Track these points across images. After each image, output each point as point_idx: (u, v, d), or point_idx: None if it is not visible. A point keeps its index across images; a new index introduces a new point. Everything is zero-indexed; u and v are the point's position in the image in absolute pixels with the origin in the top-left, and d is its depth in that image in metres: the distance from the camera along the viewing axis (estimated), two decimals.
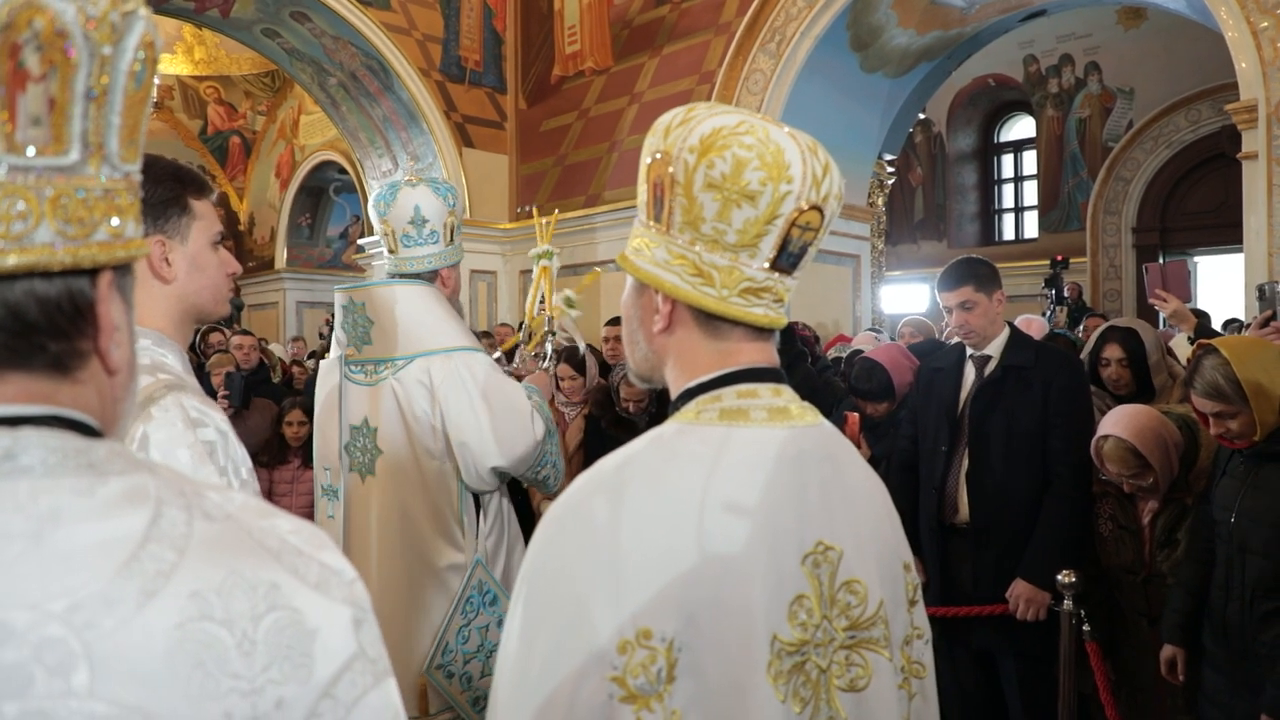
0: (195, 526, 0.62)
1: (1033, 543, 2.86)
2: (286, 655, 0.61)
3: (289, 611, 0.63)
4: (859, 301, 8.77)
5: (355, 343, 2.44)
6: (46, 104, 0.58)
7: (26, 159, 0.58)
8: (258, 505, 0.70)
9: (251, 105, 14.60)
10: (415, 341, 2.36)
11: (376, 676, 0.66)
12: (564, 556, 0.88)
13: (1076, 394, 2.98)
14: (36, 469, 0.59)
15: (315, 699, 0.62)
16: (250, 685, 0.59)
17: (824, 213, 0.96)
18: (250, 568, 0.63)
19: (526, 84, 9.71)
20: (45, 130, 0.58)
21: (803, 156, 0.93)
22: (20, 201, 0.58)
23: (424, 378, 2.32)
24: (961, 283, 2.99)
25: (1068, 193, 12.80)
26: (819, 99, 7.45)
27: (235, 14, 8.51)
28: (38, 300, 0.60)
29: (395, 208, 2.43)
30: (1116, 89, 12.15)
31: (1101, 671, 2.72)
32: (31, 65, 0.57)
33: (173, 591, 0.59)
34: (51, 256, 0.59)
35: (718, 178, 0.92)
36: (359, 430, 2.41)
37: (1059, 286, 10.44)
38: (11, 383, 0.61)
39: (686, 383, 1.00)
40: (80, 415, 0.63)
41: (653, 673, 0.83)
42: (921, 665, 1.06)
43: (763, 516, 0.90)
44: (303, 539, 0.68)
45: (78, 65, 0.59)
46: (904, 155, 12.83)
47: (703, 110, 0.96)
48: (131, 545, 0.59)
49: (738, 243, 0.94)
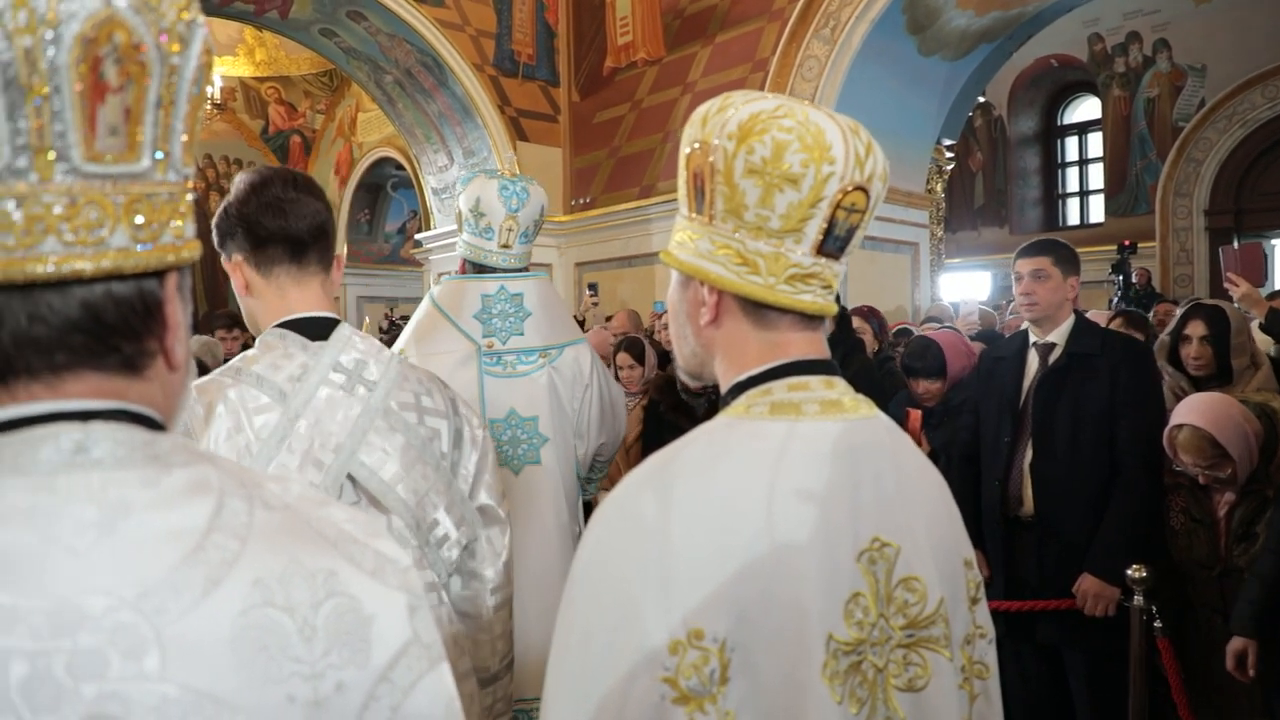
0: (256, 516, 0.65)
1: (1100, 535, 2.78)
2: (345, 641, 0.63)
3: (347, 598, 0.65)
4: (918, 290, 8.62)
5: (500, 334, 2.44)
6: (123, 114, 0.61)
7: (103, 167, 0.61)
8: (314, 495, 0.72)
9: (311, 104, 14.89)
10: (564, 331, 2.50)
11: (431, 661, 0.68)
12: (613, 555, 0.87)
13: (1146, 382, 2.88)
14: (107, 461, 0.61)
15: (373, 683, 0.64)
16: (311, 669, 0.61)
17: (869, 193, 0.93)
18: (309, 556, 0.65)
19: (579, 76, 9.73)
20: (121, 139, 0.61)
21: (844, 136, 0.91)
22: (97, 208, 0.60)
23: (573, 365, 2.47)
24: (1041, 252, 2.94)
25: (1135, 175, 12.42)
26: (875, 84, 7.32)
27: (293, 15, 8.67)
28: (114, 302, 0.63)
29: (528, 206, 2.50)
30: (1187, 66, 11.74)
31: (1174, 670, 2.63)
32: (111, 77, 0.59)
33: (236, 579, 0.61)
34: (126, 259, 0.62)
35: (758, 162, 0.90)
36: (503, 423, 2.41)
37: (1126, 272, 10.15)
38: (86, 380, 0.63)
39: (736, 376, 0.98)
40: (146, 410, 0.66)
41: (705, 674, 0.82)
42: (984, 666, 1.03)
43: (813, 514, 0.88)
44: (358, 527, 0.71)
45: (151, 75, 0.62)
46: (963, 140, 12.59)
47: (739, 97, 0.94)
48: (197, 534, 0.61)
49: (782, 228, 0.92)
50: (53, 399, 0.62)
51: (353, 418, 1.42)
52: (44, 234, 0.59)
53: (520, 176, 2.56)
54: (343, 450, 1.40)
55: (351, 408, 1.42)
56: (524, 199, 2.48)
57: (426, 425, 1.51)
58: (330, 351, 1.44)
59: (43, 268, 0.59)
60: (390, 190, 14.61)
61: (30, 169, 0.58)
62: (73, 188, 0.60)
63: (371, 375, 1.46)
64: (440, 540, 1.51)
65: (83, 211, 0.60)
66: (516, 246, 2.50)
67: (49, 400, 0.62)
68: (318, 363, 1.42)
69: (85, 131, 0.59)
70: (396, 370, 1.50)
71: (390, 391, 1.47)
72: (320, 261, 1.49)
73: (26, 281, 0.59)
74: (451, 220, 9.87)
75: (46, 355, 0.61)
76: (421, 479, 1.47)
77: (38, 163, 0.58)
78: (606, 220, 9.19)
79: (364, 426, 1.43)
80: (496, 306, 2.44)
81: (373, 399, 1.45)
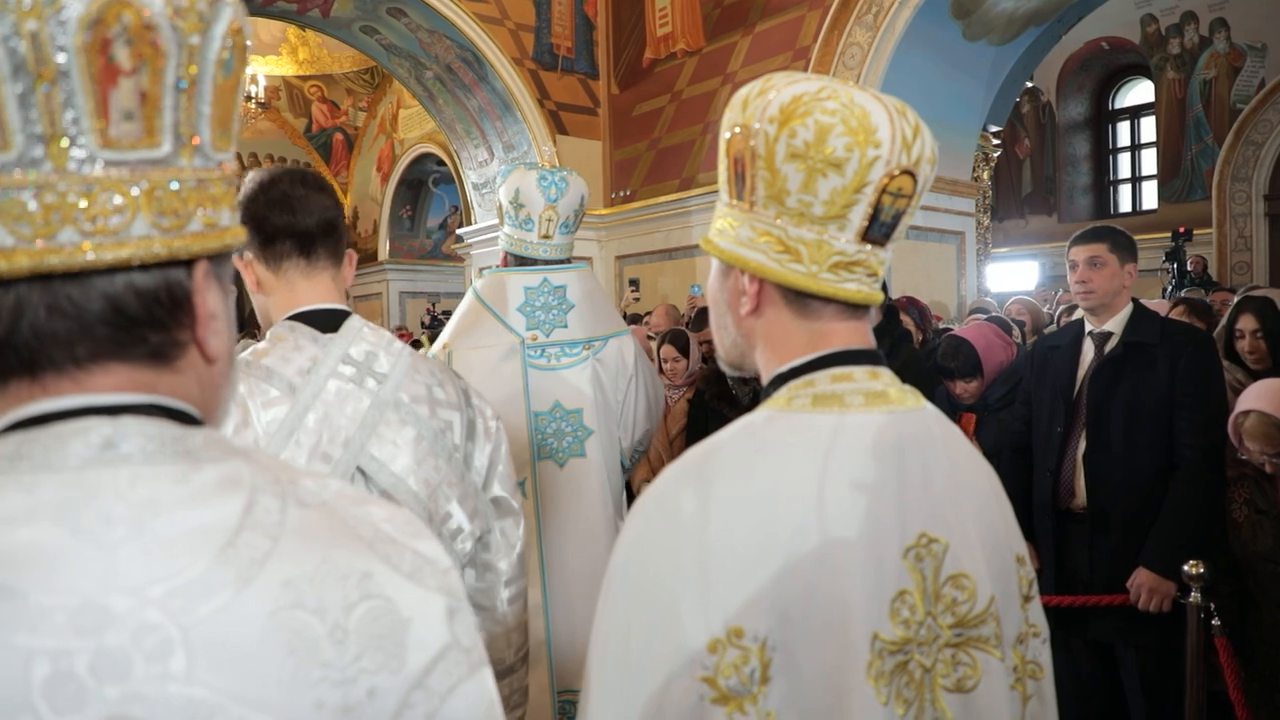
0: (289, 514, 0.63)
1: (1157, 528, 2.70)
2: (379, 645, 0.61)
3: (382, 601, 0.62)
4: (963, 280, 8.48)
5: (543, 327, 2.45)
6: (138, 98, 0.59)
7: (120, 153, 0.59)
8: (353, 493, 0.70)
9: (353, 102, 15.07)
10: (607, 323, 2.51)
11: (471, 666, 0.65)
12: (652, 552, 0.85)
13: (1207, 371, 2.79)
14: (136, 456, 0.60)
15: (408, 689, 0.61)
16: (342, 675, 0.59)
17: (916, 178, 0.89)
18: (343, 556, 0.63)
19: (618, 69, 9.71)
20: (138, 124, 0.59)
21: (890, 119, 0.87)
22: (116, 196, 0.59)
23: (617, 356, 2.48)
24: (1097, 239, 2.87)
25: (1190, 160, 12.09)
26: (919, 71, 7.20)
27: (335, 13, 8.77)
28: (136, 293, 0.61)
29: (567, 196, 2.51)
30: (1246, 46, 11.38)
31: (1232, 669, 2.55)
32: (122, 60, 0.57)
33: (266, 579, 0.59)
34: (148, 249, 0.60)
35: (800, 146, 0.87)
36: (547, 416, 2.42)
37: (1181, 260, 9.90)
38: (114, 373, 0.62)
39: (777, 367, 0.95)
40: (179, 403, 0.65)
41: (745, 673, 0.79)
42: (1038, 666, 0.99)
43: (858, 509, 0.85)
44: (396, 527, 0.68)
45: (167, 57, 0.59)
46: (1010, 126, 12.36)
47: (780, 79, 0.90)
48: (227, 533, 0.60)
49: (825, 214, 0.89)
50: (80, 393, 0.61)
51: (362, 411, 1.42)
52: (61, 224, 0.58)
53: (559, 168, 2.56)
54: (352, 444, 1.40)
55: (361, 400, 1.42)
56: (563, 189, 2.48)
57: (439, 417, 1.50)
58: (340, 343, 1.44)
59: (59, 259, 0.58)
60: (431, 186, 14.73)
61: (45, 158, 0.57)
62: (89, 176, 0.58)
63: (381, 367, 1.46)
64: (454, 533, 1.51)
65: (100, 200, 0.58)
66: (557, 237, 2.50)
67: (77, 394, 0.61)
68: (327, 355, 1.42)
69: (98, 117, 0.58)
70: (407, 362, 1.50)
71: (401, 384, 1.46)
72: (330, 256, 1.49)
73: (44, 273, 0.58)
74: (492, 215, 9.92)
75: (67, 348, 0.60)
76: (434, 471, 1.46)
77: (51, 151, 0.57)
78: (646, 213, 9.17)
79: (374, 419, 1.42)
80: (539, 299, 2.44)
81: (383, 391, 1.44)
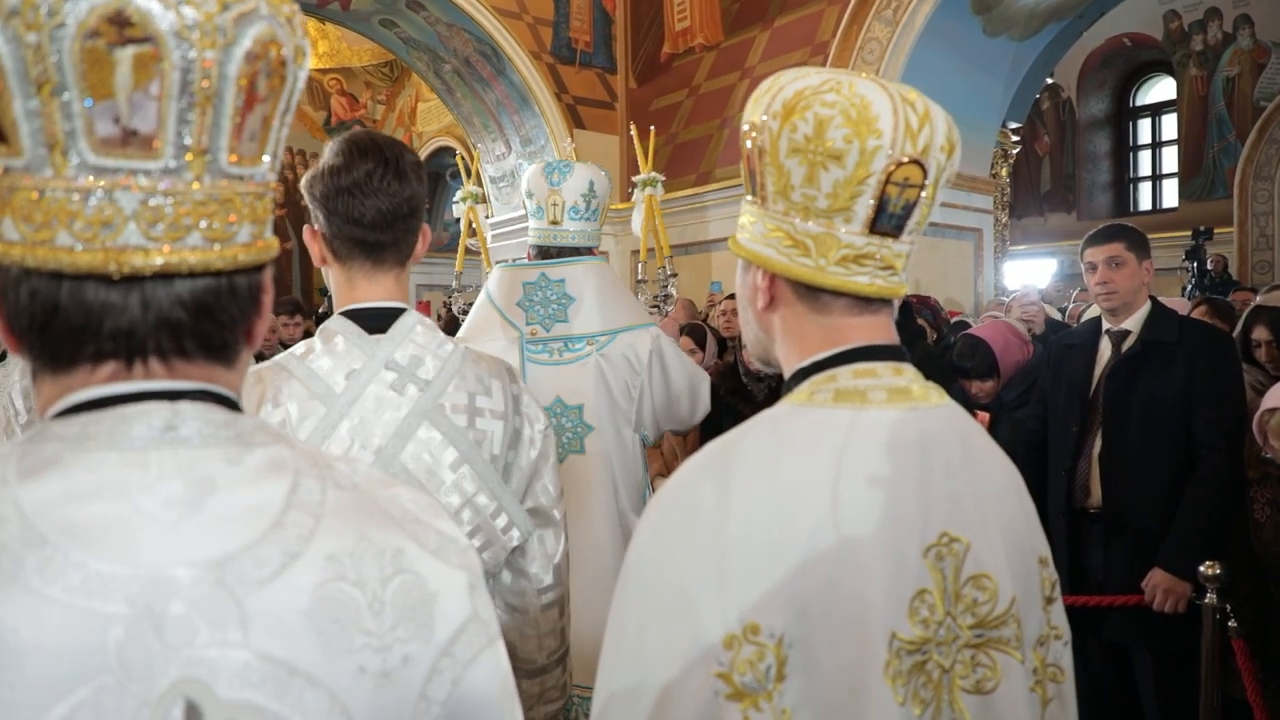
0: (328, 495, 0.68)
1: (1174, 529, 2.68)
2: (411, 616, 0.66)
3: (413, 575, 0.68)
4: (981, 278, 8.43)
5: (544, 321, 2.45)
6: (261, 122, 0.67)
7: (241, 169, 0.66)
8: (380, 476, 0.76)
9: (371, 95, 15.10)
10: (616, 317, 2.46)
11: (489, 638, 0.71)
12: (669, 546, 0.85)
13: (1227, 370, 2.76)
14: (194, 439, 0.65)
15: (436, 657, 0.67)
16: (380, 642, 0.64)
17: (925, 166, 0.88)
18: (378, 534, 0.68)
19: (636, 63, 9.69)
20: (255, 144, 0.67)
21: (894, 107, 0.86)
22: (232, 208, 0.66)
23: (629, 351, 2.42)
24: (1114, 238, 2.84)
25: (1212, 158, 11.96)
26: (938, 66, 7.16)
27: (355, 6, 8.79)
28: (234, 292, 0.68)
29: (571, 179, 2.49)
30: (1271, 43, 11.25)
31: (1250, 672, 2.53)
32: (261, 89, 0.65)
33: (312, 554, 0.64)
34: (249, 254, 0.67)
35: (801, 140, 0.87)
36: (550, 411, 2.40)
37: (1201, 259, 9.80)
38: (198, 366, 0.67)
39: (799, 362, 0.95)
40: (228, 392, 0.70)
41: (760, 670, 0.79)
42: (1059, 669, 0.98)
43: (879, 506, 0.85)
44: (421, 508, 0.73)
45: (287, 88, 0.68)
46: (1030, 123, 12.25)
47: (788, 76, 0.91)
48: (275, 511, 0.65)
49: (830, 207, 0.89)
50: (165, 379, 0.66)
51: (399, 419, 1.38)
52: (189, 229, 0.63)
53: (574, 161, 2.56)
54: (384, 452, 1.37)
55: (400, 409, 1.39)
56: (565, 173, 2.48)
57: (476, 428, 1.45)
58: (385, 347, 1.40)
59: (195, 259, 0.63)
60: (449, 179, 14.75)
61: (186, 168, 0.63)
62: (216, 186, 0.65)
63: (426, 373, 1.42)
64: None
65: (221, 209, 0.65)
66: (567, 222, 2.48)
67: (142, 380, 0.65)
68: (371, 359, 1.39)
69: (234, 137, 0.64)
70: (456, 365, 1.45)
71: (443, 390, 1.42)
72: (397, 255, 1.43)
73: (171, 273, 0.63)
74: (509, 208, 9.94)
75: (176, 341, 0.65)
76: (468, 481, 1.44)
77: (193, 164, 0.63)
78: (663, 207, 9.13)
79: (411, 427, 1.39)
80: (538, 294, 2.45)
81: (423, 399, 1.40)
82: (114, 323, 0.63)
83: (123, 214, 0.61)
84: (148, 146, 0.61)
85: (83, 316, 0.63)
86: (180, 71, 0.60)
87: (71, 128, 0.60)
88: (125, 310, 0.63)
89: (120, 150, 0.61)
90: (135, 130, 0.61)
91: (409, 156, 1.42)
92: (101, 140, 0.60)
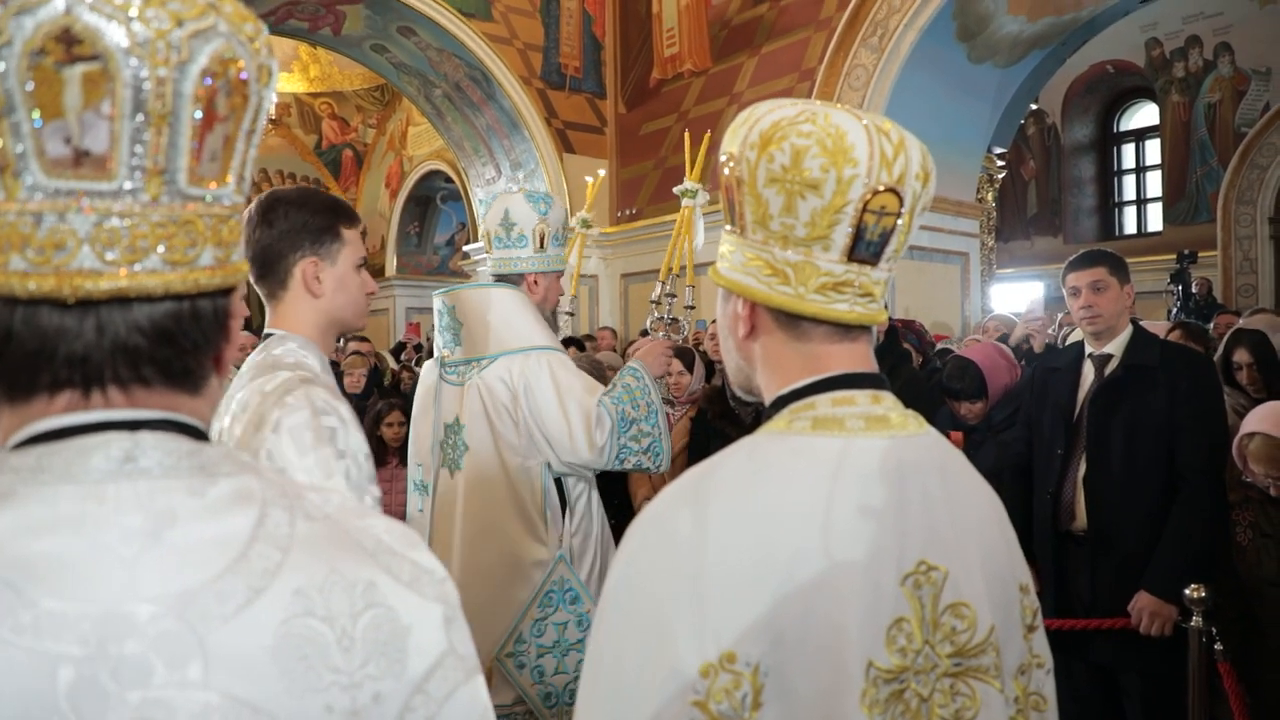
0: (297, 526, 0.66)
1: (1159, 552, 2.69)
2: (383, 651, 0.64)
3: (385, 609, 0.65)
4: (968, 301, 8.48)
5: (449, 346, 2.58)
6: (223, 142, 0.65)
7: (201, 190, 0.64)
8: (354, 506, 0.73)
9: (362, 119, 15.15)
10: (498, 342, 2.48)
11: (466, 673, 0.68)
12: (647, 573, 0.85)
13: (1208, 394, 2.78)
14: (154, 470, 0.62)
15: (409, 693, 0.65)
16: (350, 679, 0.62)
17: (901, 195, 0.89)
18: (349, 566, 0.66)
19: (625, 88, 9.76)
20: (217, 165, 0.65)
21: (869, 137, 0.87)
22: (191, 230, 0.64)
23: (505, 375, 2.42)
24: (1096, 263, 2.87)
25: (1195, 182, 12.10)
26: (924, 93, 7.23)
27: (346, 31, 8.84)
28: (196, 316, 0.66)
29: (491, 211, 2.62)
30: (1251, 70, 11.41)
31: (1236, 695, 2.53)
32: (220, 108, 0.63)
33: (278, 588, 0.62)
34: (212, 278, 0.65)
35: (778, 170, 0.88)
36: (450, 428, 2.52)
37: (1186, 282, 9.87)
38: (158, 394, 0.65)
39: (777, 390, 0.95)
40: (193, 421, 0.68)
41: (737, 698, 0.79)
42: (1041, 697, 0.98)
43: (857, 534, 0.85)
44: (395, 538, 0.71)
45: (249, 108, 0.66)
46: (1015, 148, 12.35)
47: (765, 107, 0.92)
48: (240, 544, 0.62)
49: (808, 236, 0.90)
50: (124, 408, 0.64)
51: None
52: (146, 251, 0.62)
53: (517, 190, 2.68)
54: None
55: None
56: (489, 205, 2.65)
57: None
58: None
59: (153, 282, 0.62)
60: (439, 203, 14.79)
61: (142, 189, 0.61)
62: (174, 208, 0.63)
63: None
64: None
65: (181, 231, 0.63)
66: (495, 252, 2.61)
67: (101, 409, 0.63)
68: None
69: (193, 158, 0.63)
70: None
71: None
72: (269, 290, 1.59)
73: (123, 296, 0.61)
74: None
75: (134, 368, 0.64)
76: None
77: (149, 185, 0.61)
78: (652, 231, 9.19)
79: None
80: (443, 320, 2.59)
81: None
82: (68, 348, 0.61)
83: (76, 236, 0.59)
84: (101, 167, 0.60)
85: (37, 342, 0.61)
86: (132, 90, 0.58)
87: (23, 149, 0.58)
88: (80, 335, 0.61)
89: (73, 171, 0.59)
90: (87, 150, 0.59)
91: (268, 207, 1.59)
92: (53, 161, 0.59)
